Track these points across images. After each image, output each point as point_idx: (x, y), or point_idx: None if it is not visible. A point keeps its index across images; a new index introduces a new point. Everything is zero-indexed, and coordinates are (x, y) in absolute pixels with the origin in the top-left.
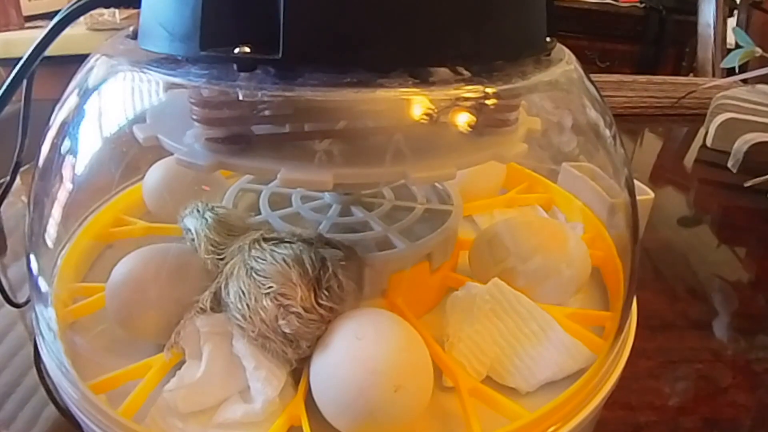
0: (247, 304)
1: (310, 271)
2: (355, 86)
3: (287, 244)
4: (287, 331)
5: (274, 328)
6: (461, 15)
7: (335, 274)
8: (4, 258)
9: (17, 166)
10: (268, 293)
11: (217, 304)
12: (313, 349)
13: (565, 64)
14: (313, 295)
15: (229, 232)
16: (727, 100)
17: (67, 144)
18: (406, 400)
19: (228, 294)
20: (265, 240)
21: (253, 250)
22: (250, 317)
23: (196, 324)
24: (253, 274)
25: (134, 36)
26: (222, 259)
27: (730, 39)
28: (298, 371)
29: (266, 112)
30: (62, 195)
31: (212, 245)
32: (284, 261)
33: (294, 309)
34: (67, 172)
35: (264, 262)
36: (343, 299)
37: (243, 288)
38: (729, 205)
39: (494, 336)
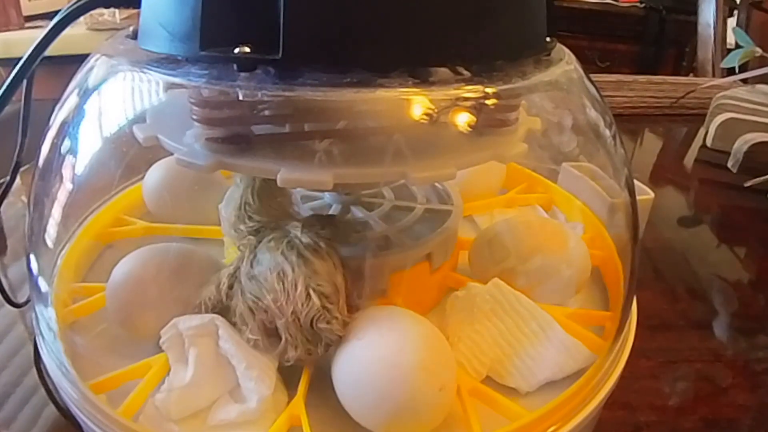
0: (284, 286)
1: (347, 276)
2: (355, 86)
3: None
4: (327, 335)
5: (304, 324)
6: (461, 15)
7: (354, 282)
8: (4, 258)
9: (17, 166)
10: (316, 289)
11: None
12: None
13: (565, 64)
14: (346, 306)
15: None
16: (727, 100)
17: (67, 144)
18: (447, 400)
19: (257, 263)
20: (311, 225)
21: (304, 237)
22: (282, 303)
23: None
24: (301, 262)
25: (134, 36)
26: (254, 229)
27: (730, 39)
28: (295, 372)
29: (266, 112)
30: (62, 195)
31: (247, 206)
32: (333, 261)
33: (335, 314)
34: (67, 172)
35: (316, 254)
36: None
37: (283, 267)
38: (729, 205)
39: (494, 336)
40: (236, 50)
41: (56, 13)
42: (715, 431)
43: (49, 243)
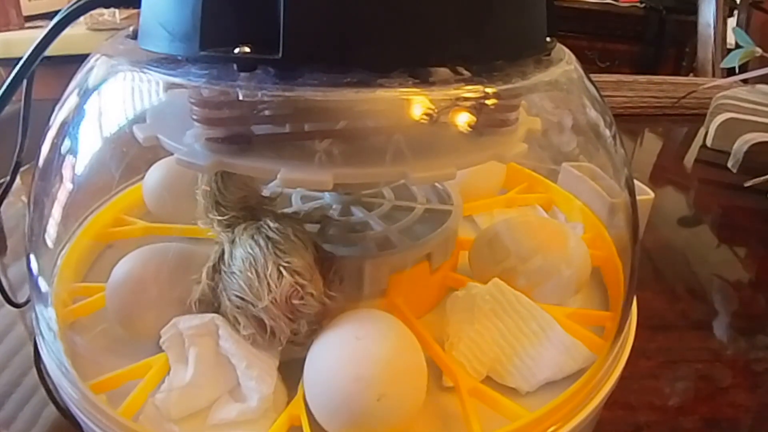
0: (257, 272)
1: (322, 258)
2: (355, 86)
3: (305, 224)
4: (303, 311)
5: (281, 303)
6: (461, 15)
7: (338, 269)
8: (4, 258)
9: (17, 166)
10: (287, 267)
11: (217, 279)
12: (306, 338)
13: (565, 64)
14: (322, 283)
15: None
16: (727, 100)
17: (67, 144)
18: (391, 408)
19: (233, 259)
20: (284, 216)
21: (270, 222)
22: (257, 288)
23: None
24: (270, 245)
25: (134, 36)
26: (227, 225)
27: (730, 39)
28: (295, 372)
29: (266, 112)
30: (62, 195)
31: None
32: (303, 241)
33: (309, 290)
34: (67, 172)
35: (284, 235)
36: (342, 293)
37: (254, 254)
38: (729, 205)
39: (494, 336)
40: (236, 50)
41: (56, 13)
42: (715, 431)
43: (49, 243)
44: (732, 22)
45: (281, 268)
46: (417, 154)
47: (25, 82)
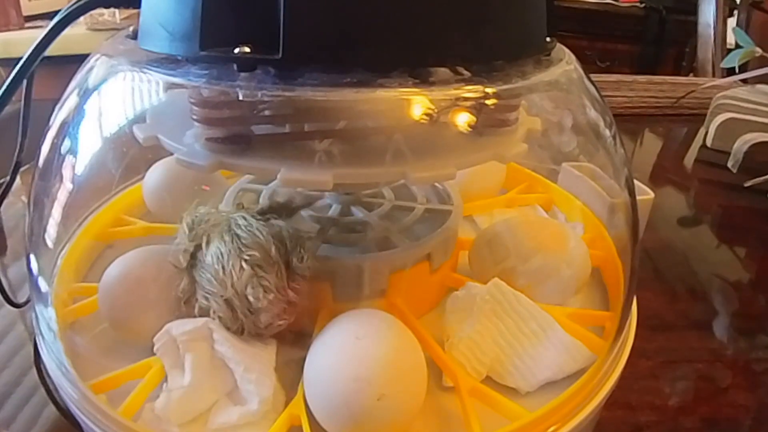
0: (223, 266)
1: (288, 248)
2: (355, 86)
3: (273, 221)
4: (251, 299)
5: (241, 295)
6: (461, 15)
7: (307, 264)
8: (4, 258)
9: (17, 166)
10: (247, 260)
11: (193, 265)
12: (270, 332)
13: (565, 64)
14: (285, 276)
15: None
16: (727, 100)
17: (67, 144)
18: (391, 408)
19: (206, 254)
20: (252, 214)
21: (240, 219)
22: (222, 280)
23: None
24: (235, 239)
25: (134, 36)
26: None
27: (730, 39)
28: (295, 372)
29: (266, 112)
30: (62, 195)
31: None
32: (265, 235)
33: (265, 283)
34: (67, 172)
35: (249, 230)
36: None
37: (222, 249)
38: (729, 205)
39: (494, 336)
40: (236, 50)
41: (56, 13)
42: (715, 431)
43: (49, 243)
44: (732, 22)
45: (243, 261)
46: (417, 154)
47: (25, 82)
